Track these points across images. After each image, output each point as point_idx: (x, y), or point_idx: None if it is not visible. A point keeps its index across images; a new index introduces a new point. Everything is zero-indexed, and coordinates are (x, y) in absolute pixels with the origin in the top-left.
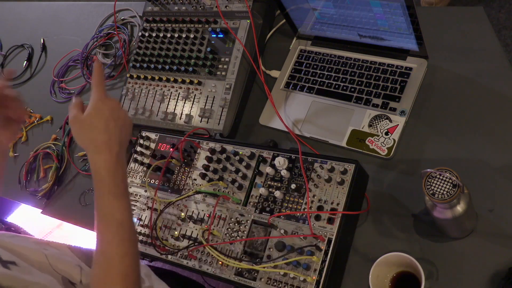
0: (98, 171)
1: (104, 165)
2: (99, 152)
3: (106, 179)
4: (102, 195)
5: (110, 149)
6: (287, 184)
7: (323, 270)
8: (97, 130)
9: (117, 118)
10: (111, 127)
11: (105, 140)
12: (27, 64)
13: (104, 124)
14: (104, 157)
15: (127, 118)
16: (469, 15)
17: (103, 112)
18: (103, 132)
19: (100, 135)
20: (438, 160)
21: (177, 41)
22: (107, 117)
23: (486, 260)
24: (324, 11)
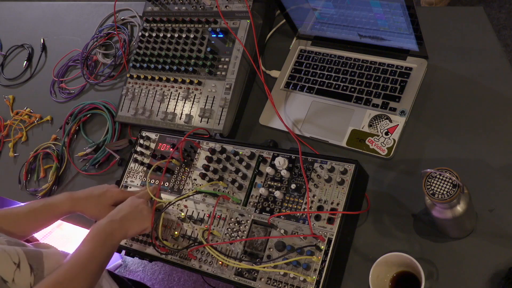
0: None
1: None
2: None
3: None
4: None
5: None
6: (287, 184)
7: (323, 270)
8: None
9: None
10: (126, 210)
11: (114, 213)
12: (27, 64)
13: (124, 207)
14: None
15: (146, 222)
16: (469, 15)
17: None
18: (118, 208)
19: (116, 209)
20: (438, 160)
21: (177, 41)
22: (130, 205)
23: (486, 260)
24: (324, 11)
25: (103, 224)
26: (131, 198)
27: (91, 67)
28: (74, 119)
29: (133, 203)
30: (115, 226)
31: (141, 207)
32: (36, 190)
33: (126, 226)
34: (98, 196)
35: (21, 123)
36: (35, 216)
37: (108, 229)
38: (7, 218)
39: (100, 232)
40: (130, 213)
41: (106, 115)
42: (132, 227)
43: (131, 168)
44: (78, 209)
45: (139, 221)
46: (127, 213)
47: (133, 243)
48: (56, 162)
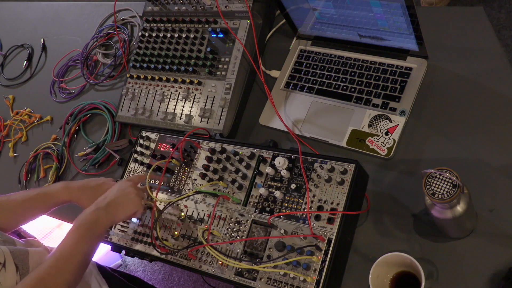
0: (81, 216)
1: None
2: (92, 205)
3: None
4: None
5: (97, 208)
6: (287, 184)
7: (323, 270)
8: (105, 193)
9: (123, 195)
10: (111, 196)
11: (99, 200)
12: (27, 64)
13: (110, 192)
14: (87, 209)
15: (133, 206)
16: (469, 15)
17: (120, 185)
18: (104, 195)
19: (102, 196)
20: (438, 160)
21: (177, 41)
22: (117, 189)
23: (486, 260)
24: (324, 11)
25: (88, 212)
26: (119, 183)
27: (91, 67)
28: (74, 119)
29: (120, 187)
30: (100, 213)
31: (128, 190)
32: None
33: (113, 211)
34: (94, 187)
35: (21, 123)
36: (30, 205)
37: (93, 217)
38: (1, 206)
39: (85, 221)
40: (117, 197)
41: (106, 115)
42: (119, 212)
43: (131, 168)
44: (74, 199)
45: (126, 205)
46: (114, 198)
47: (133, 243)
48: (56, 162)
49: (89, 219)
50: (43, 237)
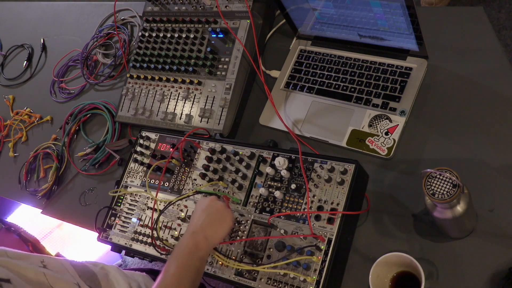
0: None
1: (182, 243)
2: (186, 233)
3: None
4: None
5: (193, 232)
6: (287, 184)
7: (323, 270)
8: (193, 217)
9: (214, 213)
10: (202, 217)
11: (192, 226)
12: (27, 64)
13: (198, 214)
14: (183, 237)
15: (228, 219)
16: (469, 15)
17: (202, 204)
18: (195, 219)
19: (193, 220)
20: (438, 160)
21: (177, 41)
22: (203, 209)
23: (486, 260)
24: (324, 11)
25: (185, 240)
26: (200, 202)
27: (91, 67)
28: (74, 119)
29: (206, 207)
30: (199, 238)
31: (216, 207)
32: (36, 190)
33: (210, 233)
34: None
35: (21, 123)
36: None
37: (191, 243)
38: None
39: (184, 249)
40: (208, 216)
41: (106, 115)
42: (217, 231)
43: (131, 168)
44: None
45: (222, 222)
46: (206, 219)
47: (133, 243)
48: (56, 162)
49: (187, 246)
50: (43, 237)
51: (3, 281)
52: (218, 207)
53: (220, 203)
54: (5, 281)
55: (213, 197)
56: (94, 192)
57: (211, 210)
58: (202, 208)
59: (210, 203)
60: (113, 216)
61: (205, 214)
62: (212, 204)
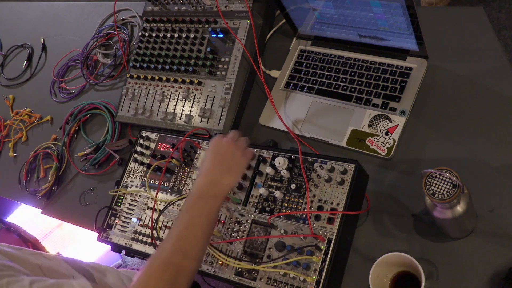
0: (191, 191)
1: (196, 186)
2: (200, 177)
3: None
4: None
5: (208, 176)
6: (287, 184)
7: (323, 270)
8: (206, 160)
9: (225, 153)
10: (216, 160)
11: (206, 168)
12: (27, 64)
13: (211, 156)
14: (200, 181)
15: (240, 161)
16: (469, 15)
17: (216, 146)
18: (208, 162)
19: (205, 164)
20: (438, 160)
21: (177, 41)
22: (215, 151)
23: (486, 260)
24: (324, 11)
25: (196, 189)
26: (215, 141)
27: (91, 67)
28: (74, 119)
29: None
30: (211, 186)
31: (221, 151)
32: (36, 190)
33: (223, 181)
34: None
35: (21, 123)
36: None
37: (204, 194)
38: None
39: (201, 190)
40: (223, 163)
41: (106, 115)
42: (228, 179)
43: (131, 168)
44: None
45: (234, 170)
46: (220, 166)
47: (133, 243)
48: (56, 162)
49: (205, 193)
50: (43, 237)
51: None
52: (224, 150)
53: (225, 141)
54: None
55: (216, 138)
56: (94, 192)
57: (227, 156)
58: (217, 152)
59: (214, 144)
60: (113, 216)
61: (220, 157)
62: (217, 145)
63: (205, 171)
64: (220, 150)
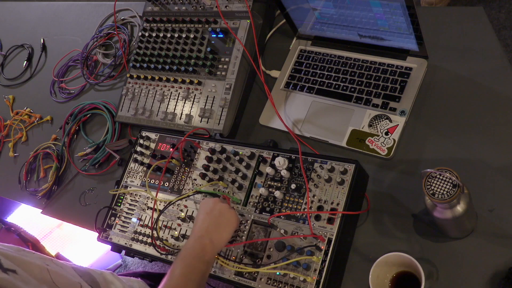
0: (184, 247)
1: (188, 246)
2: (191, 236)
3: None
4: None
5: (199, 236)
6: (287, 184)
7: (323, 270)
8: (197, 220)
9: (218, 216)
10: (207, 221)
11: (197, 229)
12: (27, 64)
13: (202, 217)
14: (188, 241)
15: (232, 221)
16: (469, 15)
17: (206, 207)
18: (200, 222)
19: (197, 224)
20: (438, 160)
21: (177, 41)
22: (207, 212)
23: (486, 260)
24: (324, 11)
25: (191, 243)
26: (204, 204)
27: (91, 67)
28: (74, 119)
29: (211, 210)
30: (204, 242)
31: (220, 209)
32: (36, 190)
33: (216, 236)
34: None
35: (21, 123)
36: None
37: (197, 247)
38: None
39: (190, 253)
40: (214, 219)
41: (106, 115)
42: (223, 234)
43: (131, 168)
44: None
45: (227, 225)
46: (211, 222)
47: (133, 243)
48: (56, 162)
49: (195, 249)
50: (43, 237)
51: (10, 271)
52: (223, 210)
53: (224, 205)
54: (12, 271)
55: (216, 199)
56: (94, 192)
57: (215, 213)
58: (206, 211)
59: (214, 205)
60: (113, 216)
61: (210, 217)
62: (216, 206)
63: (193, 232)
64: (207, 209)
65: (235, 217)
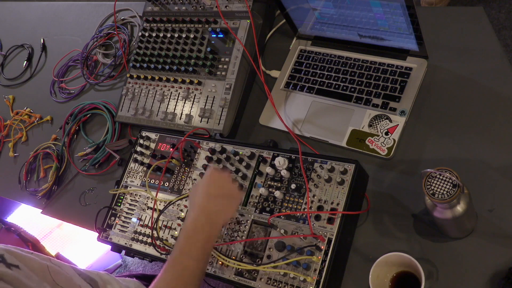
0: (185, 224)
1: (191, 221)
2: (192, 209)
3: (189, 231)
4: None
5: (203, 209)
6: (287, 184)
7: (323, 270)
8: (199, 192)
9: (221, 187)
10: (211, 192)
11: (200, 202)
12: (27, 64)
13: (206, 188)
14: (193, 214)
15: (236, 194)
16: (469, 15)
17: (209, 178)
18: (203, 195)
19: (198, 197)
20: (438, 160)
21: (177, 41)
22: (210, 183)
23: (486, 260)
24: (324, 11)
25: (189, 222)
26: (211, 173)
27: (91, 67)
28: (74, 119)
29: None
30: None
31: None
32: (36, 190)
33: (218, 219)
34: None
35: (21, 123)
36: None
37: (198, 226)
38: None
39: (191, 236)
40: (222, 199)
41: (106, 115)
42: (225, 215)
43: (131, 168)
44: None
45: (231, 206)
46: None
47: (133, 243)
48: (56, 162)
49: (201, 230)
50: (43, 237)
51: (13, 266)
52: (222, 184)
53: (224, 176)
54: (15, 266)
55: (212, 170)
56: (94, 192)
57: (220, 185)
58: (209, 183)
59: (211, 177)
60: (113, 216)
61: (214, 190)
62: (215, 179)
63: (202, 207)
64: (217, 183)
65: (241, 198)
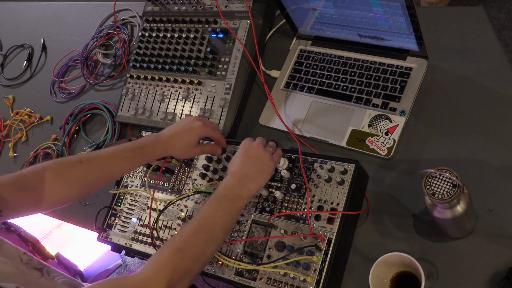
0: (218, 189)
1: (222, 184)
2: (228, 176)
3: (219, 191)
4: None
5: (233, 174)
6: (287, 184)
7: (323, 270)
8: (235, 161)
9: (255, 157)
10: (244, 162)
11: (232, 169)
12: (27, 64)
13: (241, 159)
14: (225, 180)
15: (266, 161)
16: (469, 15)
17: (242, 149)
18: (237, 164)
19: (234, 166)
20: (438, 160)
21: (177, 41)
22: (243, 153)
23: (486, 260)
24: (324, 11)
25: (229, 185)
26: (245, 144)
27: (91, 67)
28: (74, 119)
29: (250, 153)
30: (242, 188)
31: (262, 157)
32: None
33: (250, 184)
34: (187, 131)
35: (21, 123)
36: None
37: (235, 191)
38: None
39: (226, 193)
40: (252, 166)
41: (106, 115)
42: (256, 182)
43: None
44: (169, 153)
45: (263, 174)
46: (248, 169)
47: (133, 243)
48: None
49: (230, 191)
50: (43, 237)
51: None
52: (263, 157)
53: (266, 153)
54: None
55: (246, 141)
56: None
57: (258, 161)
58: (247, 155)
59: (243, 147)
60: (113, 216)
61: (248, 160)
62: (247, 148)
63: (233, 172)
64: (249, 153)
65: (272, 167)
